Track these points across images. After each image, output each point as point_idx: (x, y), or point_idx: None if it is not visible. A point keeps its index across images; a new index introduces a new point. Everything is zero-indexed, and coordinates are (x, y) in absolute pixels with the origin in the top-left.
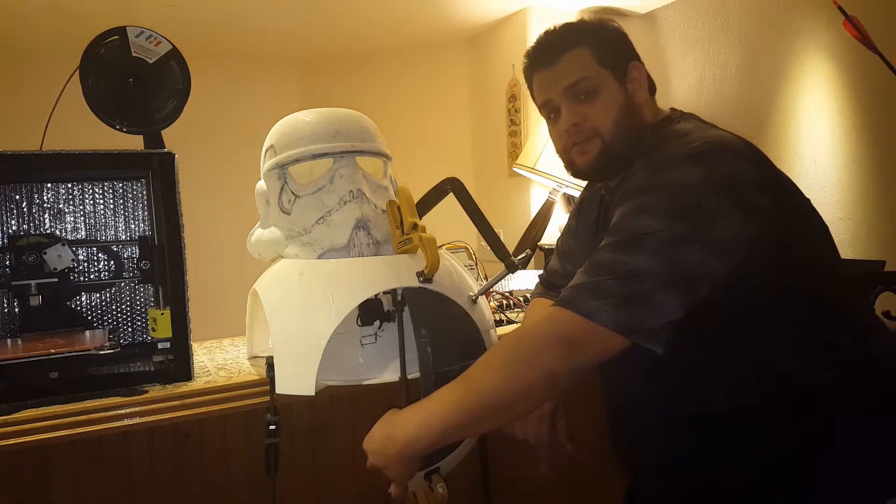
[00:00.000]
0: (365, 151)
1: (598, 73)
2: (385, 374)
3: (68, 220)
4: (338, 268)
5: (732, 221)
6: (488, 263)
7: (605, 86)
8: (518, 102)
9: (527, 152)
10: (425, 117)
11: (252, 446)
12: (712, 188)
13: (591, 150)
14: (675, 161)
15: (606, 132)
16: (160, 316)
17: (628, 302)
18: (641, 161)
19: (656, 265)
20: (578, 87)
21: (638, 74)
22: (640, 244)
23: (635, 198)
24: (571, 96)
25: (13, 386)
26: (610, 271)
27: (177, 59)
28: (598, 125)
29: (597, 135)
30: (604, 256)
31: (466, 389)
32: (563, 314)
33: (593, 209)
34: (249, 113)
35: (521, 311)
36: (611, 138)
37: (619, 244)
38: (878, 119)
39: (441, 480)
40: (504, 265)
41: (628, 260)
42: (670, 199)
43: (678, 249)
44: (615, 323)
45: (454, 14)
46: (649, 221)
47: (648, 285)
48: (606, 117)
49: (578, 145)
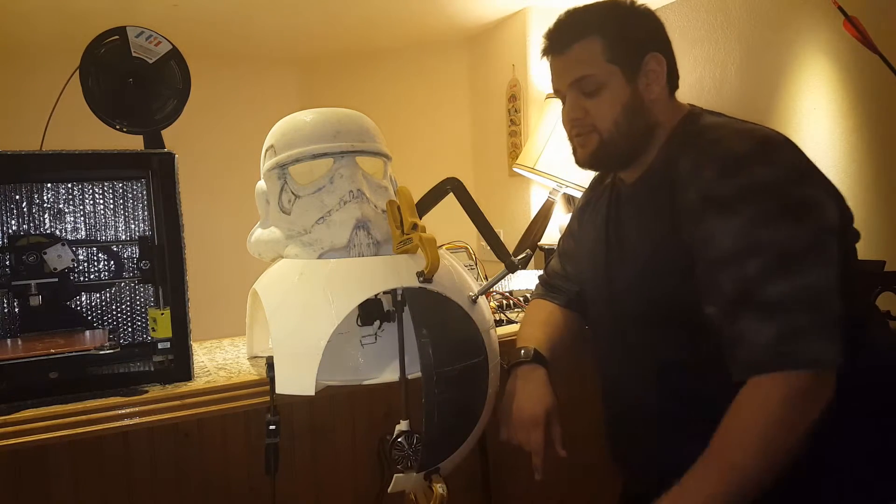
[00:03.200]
0: (365, 151)
1: (604, 68)
2: (385, 374)
3: (68, 220)
4: (338, 268)
5: (831, 205)
6: (488, 263)
7: (610, 83)
8: (518, 102)
9: (527, 152)
10: (425, 117)
11: (252, 446)
12: (802, 178)
13: (589, 144)
14: (743, 158)
15: (605, 130)
16: (160, 316)
17: (827, 326)
18: (686, 159)
19: (825, 274)
20: (582, 83)
21: (656, 67)
22: (798, 260)
23: (737, 209)
24: (575, 90)
25: (13, 386)
26: (796, 306)
27: (177, 59)
28: (597, 122)
29: (595, 131)
30: (776, 290)
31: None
32: (792, 377)
33: (600, 210)
34: (249, 113)
35: (521, 311)
36: (609, 136)
37: (778, 270)
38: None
39: (441, 480)
40: (504, 265)
41: (802, 283)
42: (777, 201)
43: (824, 248)
44: (831, 354)
45: (454, 14)
46: (782, 232)
47: (830, 297)
48: (607, 115)
49: (579, 137)
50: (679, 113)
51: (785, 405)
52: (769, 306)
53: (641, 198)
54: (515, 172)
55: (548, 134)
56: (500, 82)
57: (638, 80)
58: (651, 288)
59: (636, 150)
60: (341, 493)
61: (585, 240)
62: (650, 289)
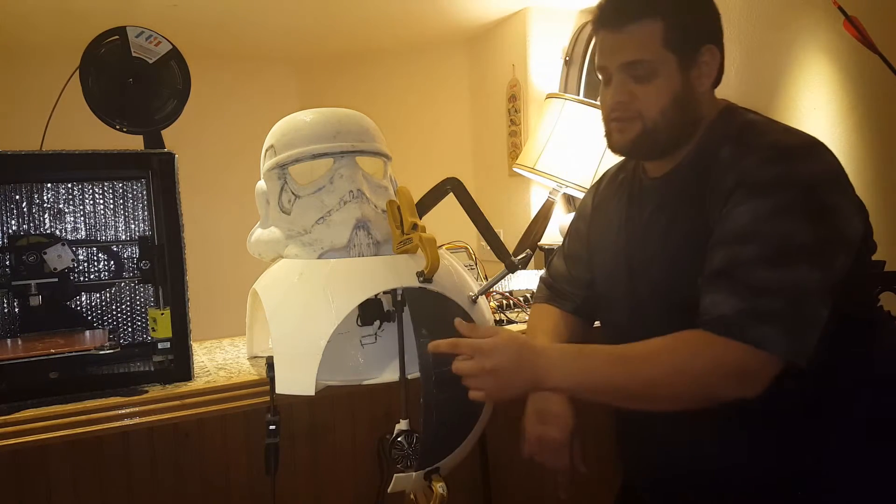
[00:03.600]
0: (365, 151)
1: (660, 55)
2: (385, 374)
3: (68, 220)
4: (338, 268)
5: (856, 221)
6: (488, 263)
7: (663, 71)
8: (518, 102)
9: (527, 152)
10: (425, 117)
11: (252, 446)
12: (836, 184)
13: (629, 131)
14: (787, 151)
15: (650, 119)
16: (160, 316)
17: (795, 325)
18: (728, 149)
19: (815, 278)
20: (635, 67)
21: (710, 59)
22: (793, 256)
23: (764, 193)
24: (625, 73)
25: (13, 386)
26: (771, 291)
27: (177, 59)
28: (644, 110)
29: (639, 118)
30: (760, 275)
31: (622, 370)
32: (733, 345)
33: (618, 207)
34: (249, 113)
35: (521, 310)
36: (653, 125)
37: (771, 259)
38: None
39: (441, 480)
40: (504, 265)
41: (788, 277)
42: (806, 196)
43: (829, 255)
44: (787, 349)
45: (454, 14)
46: (793, 226)
47: (811, 302)
48: (655, 104)
49: (619, 122)
50: (716, 107)
51: (715, 367)
52: (746, 287)
53: (674, 189)
54: (515, 172)
55: (548, 134)
56: (500, 82)
57: (691, 71)
58: (680, 280)
59: (677, 143)
60: (341, 493)
61: (600, 240)
62: (679, 281)
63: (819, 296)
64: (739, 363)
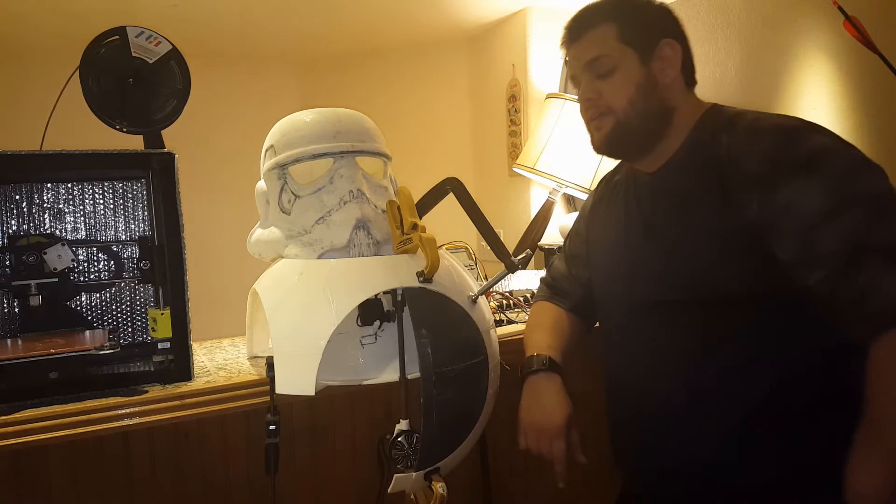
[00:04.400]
0: (365, 151)
1: (617, 49)
2: (385, 374)
3: (68, 220)
4: (338, 268)
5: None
6: (488, 263)
7: (623, 63)
8: (518, 102)
9: (527, 152)
10: (425, 117)
11: (252, 446)
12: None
13: (604, 126)
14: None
15: (620, 110)
16: (160, 316)
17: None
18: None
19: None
20: (596, 64)
21: (670, 52)
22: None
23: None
24: (590, 72)
25: (13, 386)
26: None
27: (177, 59)
28: (612, 102)
29: (610, 112)
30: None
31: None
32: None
33: (616, 205)
34: (249, 113)
35: (521, 311)
36: (625, 116)
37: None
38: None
39: (441, 480)
40: (504, 265)
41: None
42: (850, 154)
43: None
44: None
45: (454, 14)
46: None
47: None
48: (621, 95)
49: (594, 121)
50: (702, 106)
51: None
52: (891, 251)
53: (672, 183)
54: (515, 172)
55: (548, 134)
56: (500, 82)
57: (652, 63)
58: (685, 272)
59: (652, 134)
60: (341, 493)
61: (600, 239)
62: (683, 273)
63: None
64: None
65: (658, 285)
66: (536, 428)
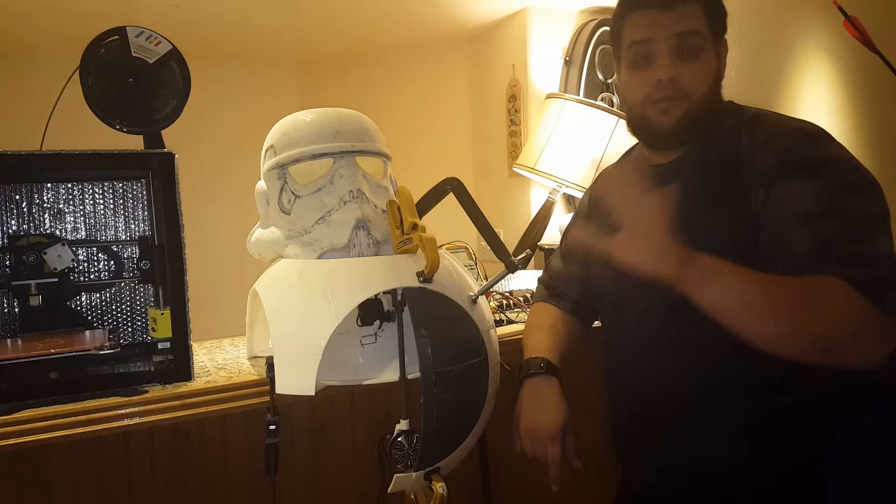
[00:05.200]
0: (365, 151)
1: (706, 32)
2: (385, 374)
3: (68, 220)
4: (338, 268)
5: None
6: (488, 263)
7: (708, 49)
8: (518, 102)
9: (527, 152)
10: (425, 117)
11: (252, 446)
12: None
13: (675, 111)
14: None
15: (696, 99)
16: (160, 316)
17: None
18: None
19: (889, 245)
20: (688, 40)
21: (727, 51)
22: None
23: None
24: (677, 47)
25: (13, 386)
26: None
27: (177, 59)
28: (692, 89)
29: (686, 98)
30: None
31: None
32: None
33: None
34: (249, 113)
35: (521, 311)
36: (699, 105)
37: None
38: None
39: (441, 480)
40: (504, 265)
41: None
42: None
43: (888, 224)
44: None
45: (454, 14)
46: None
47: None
48: (702, 83)
49: (663, 102)
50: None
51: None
52: (848, 258)
53: (684, 178)
54: (515, 172)
55: (548, 134)
56: (500, 82)
57: (722, 58)
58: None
59: (709, 129)
60: (341, 493)
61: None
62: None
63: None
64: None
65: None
66: (532, 432)
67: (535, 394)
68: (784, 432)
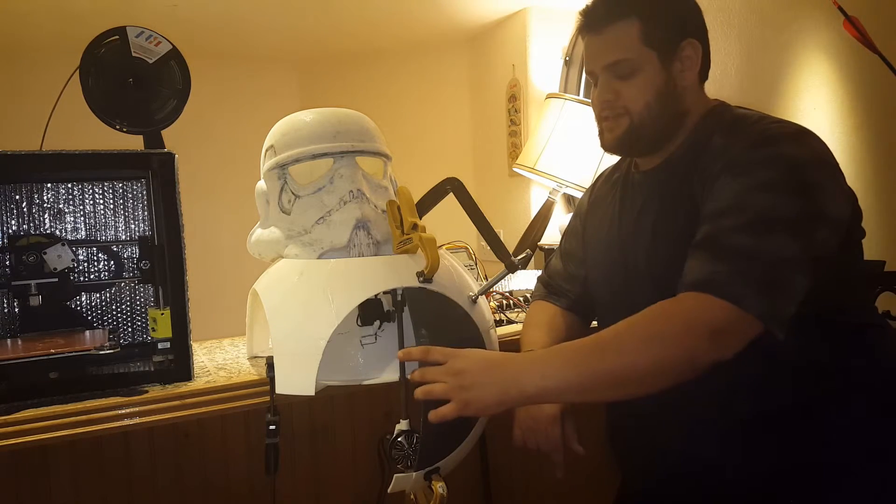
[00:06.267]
0: (365, 151)
1: (640, 52)
2: (385, 374)
3: (68, 220)
4: (338, 268)
5: (841, 201)
6: (488, 263)
7: (644, 67)
8: (518, 102)
9: (527, 152)
10: (425, 117)
11: (252, 446)
12: (821, 166)
13: (618, 128)
14: (775, 137)
15: (636, 113)
16: (160, 316)
17: (770, 287)
18: (719, 138)
19: (792, 247)
20: (617, 67)
21: (692, 53)
22: (772, 225)
23: (748, 172)
24: (609, 73)
25: (13, 386)
26: (748, 256)
27: (177, 59)
28: (629, 104)
29: (626, 113)
30: (738, 241)
31: (598, 353)
32: (708, 300)
33: (612, 203)
34: (249, 113)
35: (521, 311)
36: (640, 119)
37: (750, 226)
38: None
39: (441, 480)
40: (504, 265)
41: (765, 243)
42: (789, 174)
43: (808, 228)
44: (759, 310)
45: (454, 14)
46: (775, 200)
47: (788, 269)
48: (639, 98)
49: (608, 121)
50: (707, 103)
51: (684, 322)
52: (724, 251)
53: (664, 182)
54: (515, 172)
55: (548, 134)
56: (500, 82)
57: (672, 66)
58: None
59: (664, 136)
60: (341, 493)
61: (595, 237)
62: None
63: (797, 266)
64: (714, 319)
65: (650, 285)
66: (530, 418)
67: None
68: (780, 433)
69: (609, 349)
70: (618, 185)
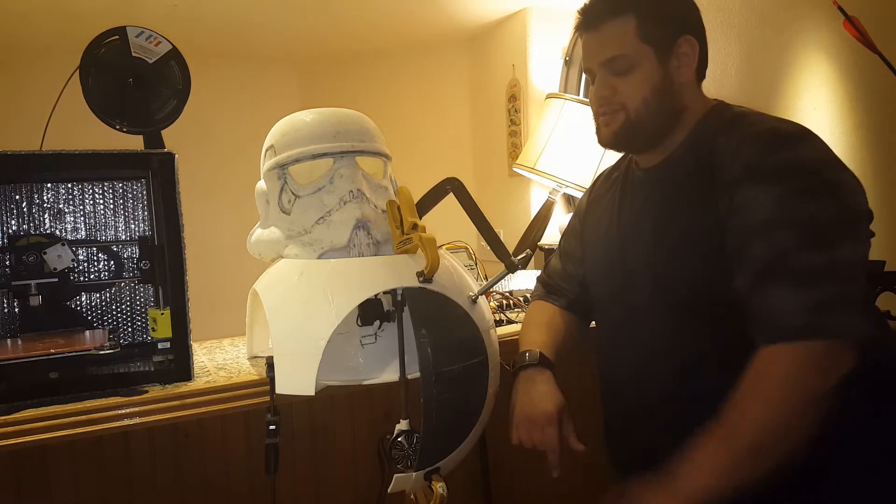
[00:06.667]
0: (365, 151)
1: (637, 49)
2: (385, 374)
3: (68, 220)
4: (338, 268)
5: (860, 191)
6: (488, 263)
7: (641, 63)
8: (518, 102)
9: (527, 152)
10: (425, 117)
11: (252, 446)
12: (837, 164)
13: (614, 123)
14: (786, 138)
15: (632, 109)
16: (160, 316)
17: (860, 300)
18: (724, 137)
19: (856, 251)
20: (613, 63)
21: (688, 50)
22: (831, 235)
23: (776, 179)
24: (606, 69)
25: (13, 386)
26: (825, 276)
27: (177, 59)
28: (626, 101)
29: (622, 109)
30: (808, 261)
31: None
32: (810, 347)
33: (611, 202)
34: (249, 113)
35: (521, 310)
36: (636, 115)
37: (813, 242)
38: (878, 119)
39: (441, 480)
40: (504, 265)
41: (835, 257)
42: (817, 177)
43: (856, 227)
44: (864, 327)
45: (454, 14)
46: (818, 206)
47: (860, 274)
48: (636, 94)
49: (605, 116)
50: (707, 102)
51: (807, 373)
52: (803, 276)
53: (666, 180)
54: (515, 172)
55: (548, 134)
56: (500, 82)
57: (669, 62)
58: (673, 272)
59: (661, 132)
60: (341, 493)
61: (594, 236)
62: (672, 273)
63: (862, 267)
64: (821, 360)
65: (649, 285)
66: (527, 418)
67: (530, 383)
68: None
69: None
70: (617, 184)
